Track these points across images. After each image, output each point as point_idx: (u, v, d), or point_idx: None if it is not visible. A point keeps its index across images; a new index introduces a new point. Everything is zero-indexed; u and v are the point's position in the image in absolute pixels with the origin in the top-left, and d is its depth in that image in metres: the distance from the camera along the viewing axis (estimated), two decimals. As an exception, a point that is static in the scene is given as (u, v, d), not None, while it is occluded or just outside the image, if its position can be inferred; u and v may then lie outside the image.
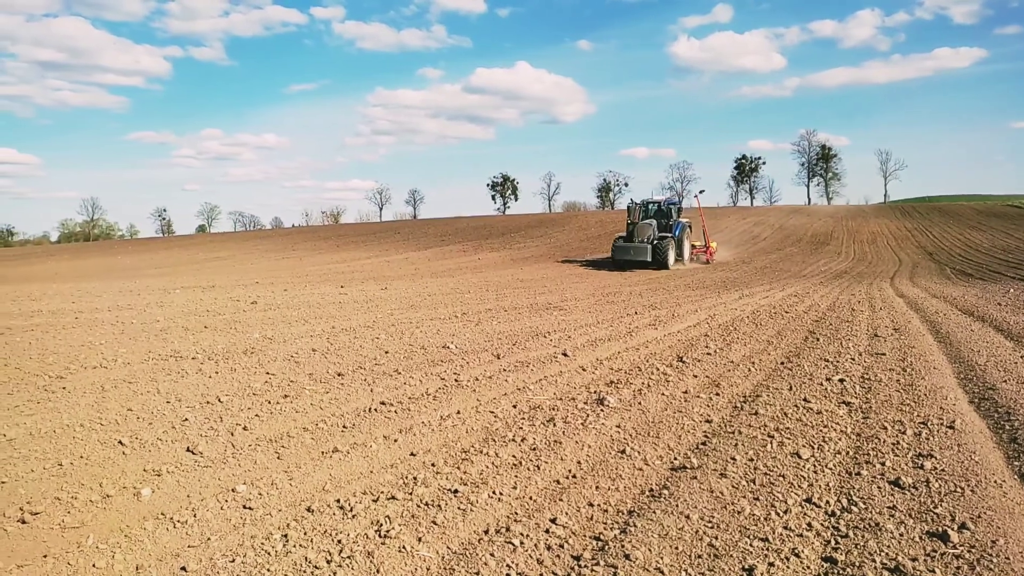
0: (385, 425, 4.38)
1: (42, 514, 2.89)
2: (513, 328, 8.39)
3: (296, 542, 2.66)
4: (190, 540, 2.72)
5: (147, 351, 6.98)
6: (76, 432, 4.11)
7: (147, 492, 3.15)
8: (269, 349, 7.08)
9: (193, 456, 3.71)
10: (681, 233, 27.58)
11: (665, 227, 27.26)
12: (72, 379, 5.63)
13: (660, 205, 28.56)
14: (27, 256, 51.93)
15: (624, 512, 3.05)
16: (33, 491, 3.15)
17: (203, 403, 4.83)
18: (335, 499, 3.13)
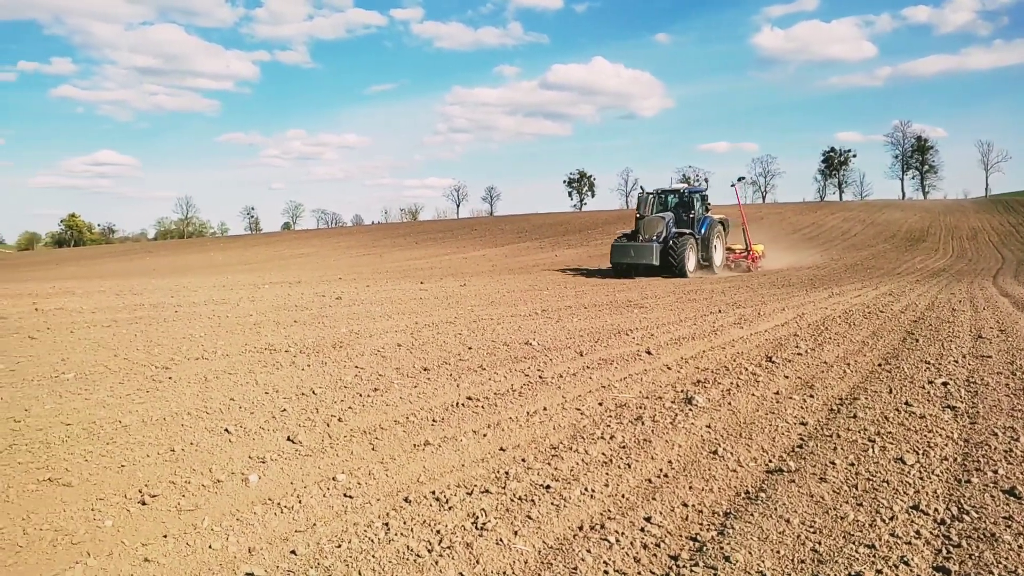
0: (473, 420, 4.44)
1: (160, 496, 3.06)
2: (594, 325, 8.36)
3: (397, 531, 2.73)
4: (296, 525, 2.83)
5: (243, 344, 7.29)
6: (184, 420, 4.33)
7: (254, 478, 3.30)
8: (356, 343, 7.28)
9: (293, 445, 3.86)
10: (709, 231, 21.75)
11: (686, 222, 21.72)
12: (177, 369, 5.93)
13: (681, 194, 22.47)
14: (127, 252, 55.08)
15: (720, 514, 2.99)
16: (150, 475, 3.34)
17: (298, 394, 5.01)
18: (430, 491, 3.20)
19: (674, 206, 22.57)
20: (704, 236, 21.90)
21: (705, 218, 22.40)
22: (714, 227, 22.34)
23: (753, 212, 53.51)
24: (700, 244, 21.64)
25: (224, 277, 22.82)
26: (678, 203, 22.63)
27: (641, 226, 21.43)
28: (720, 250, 22.64)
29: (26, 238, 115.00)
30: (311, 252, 42.09)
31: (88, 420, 4.26)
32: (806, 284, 15.81)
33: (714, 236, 22.15)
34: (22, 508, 2.91)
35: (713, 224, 22.40)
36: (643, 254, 20.31)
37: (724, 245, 22.81)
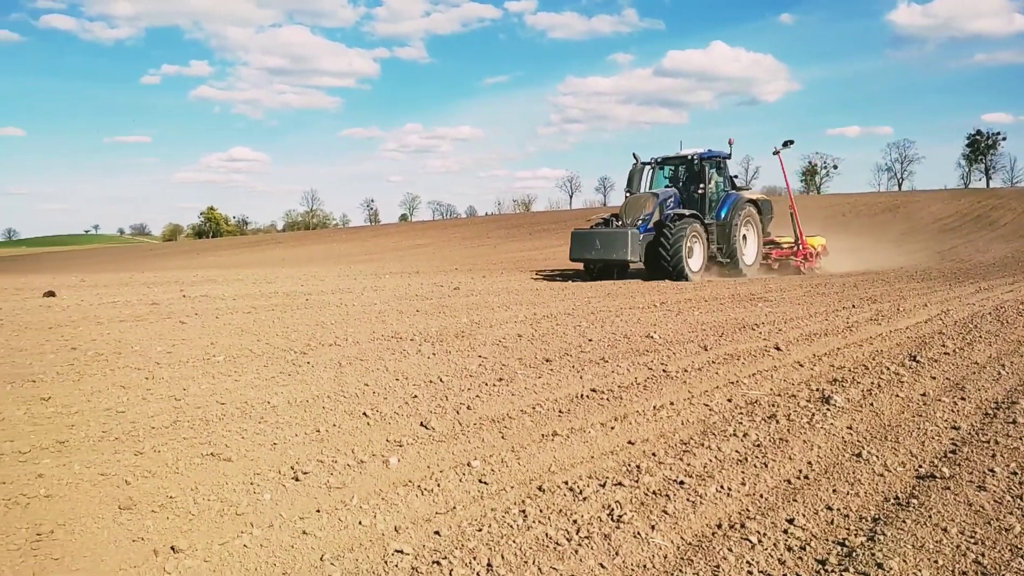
0: (599, 412, 4.44)
1: (311, 474, 3.25)
2: (717, 319, 8.14)
3: (535, 519, 2.78)
4: (437, 508, 2.94)
5: (371, 332, 7.60)
6: (325, 403, 4.58)
7: (394, 461, 3.44)
8: (478, 333, 7.43)
9: (427, 431, 3.99)
10: (733, 215, 15.92)
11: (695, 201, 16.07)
12: (313, 355, 6.27)
13: (689, 163, 16.51)
14: (259, 243, 58.65)
15: (868, 519, 2.85)
16: (300, 453, 3.55)
17: (427, 382, 5.18)
18: (563, 481, 3.23)
19: (685, 179, 16.79)
20: (725, 221, 16.01)
21: (728, 196, 16.47)
22: (740, 209, 16.16)
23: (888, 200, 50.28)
24: (716, 233, 15.92)
25: (347, 267, 23.89)
26: (686, 176, 16.75)
27: (625, 207, 15.83)
28: (754, 242, 16.77)
29: (170, 230, 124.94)
30: (427, 243, 43.28)
31: (240, 400, 4.59)
32: (949, 278, 14.70)
33: (741, 222, 16.13)
34: (191, 480, 3.17)
35: (739, 205, 16.22)
36: (612, 246, 14.59)
37: (760, 236, 16.96)
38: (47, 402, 4.50)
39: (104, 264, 38.72)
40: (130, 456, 3.43)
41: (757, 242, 17.06)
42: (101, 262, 42.70)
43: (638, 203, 15.81)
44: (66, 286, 13.48)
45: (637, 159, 17.11)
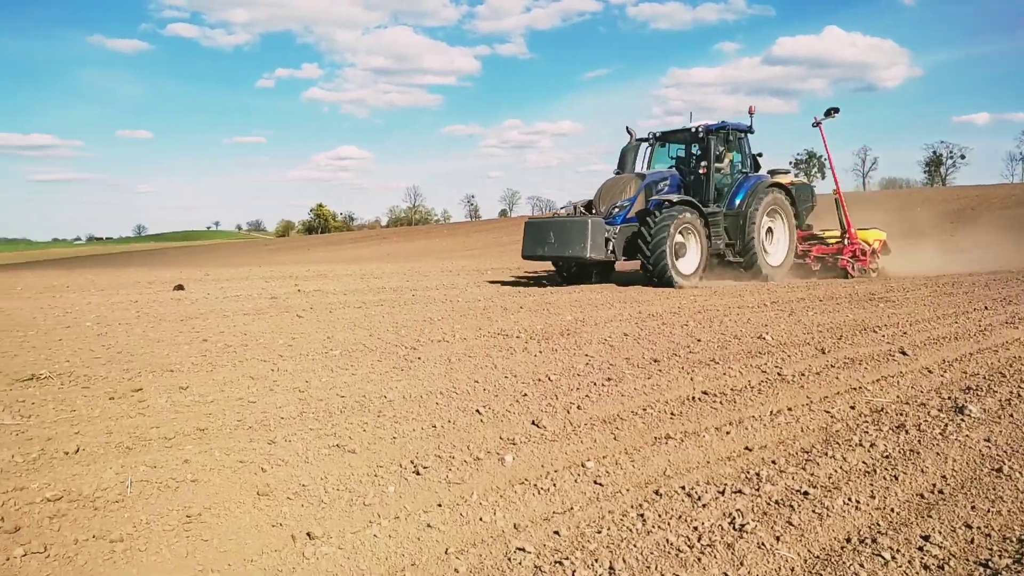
0: (712, 416, 4.35)
1: (430, 468, 3.36)
2: (833, 320, 7.79)
3: (654, 523, 2.76)
4: (554, 507, 2.97)
5: (477, 328, 7.74)
6: (438, 399, 4.71)
7: (509, 459, 3.51)
8: (583, 331, 7.42)
9: (538, 429, 4.04)
10: (751, 202, 13.10)
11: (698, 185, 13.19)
12: (423, 350, 6.45)
13: (695, 136, 13.43)
14: (365, 239, 60.75)
15: (1013, 540, 2.67)
16: (418, 448, 3.67)
17: (535, 380, 5.23)
18: (679, 486, 3.19)
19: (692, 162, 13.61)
20: (740, 211, 13.06)
21: (745, 179, 13.48)
22: (761, 195, 13.14)
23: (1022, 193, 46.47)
24: (728, 225, 13.10)
25: (449, 262, 24.39)
26: (698, 155, 13.59)
27: (598, 192, 13.06)
28: (783, 237, 13.83)
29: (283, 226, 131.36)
30: (525, 239, 43.49)
31: (358, 394, 4.78)
32: (1093, 278, 13.47)
33: (762, 211, 13.12)
34: (320, 469, 3.34)
35: (759, 191, 13.22)
36: (567, 239, 11.97)
37: (792, 229, 13.87)
38: (185, 391, 4.85)
39: (225, 259, 41.20)
40: (264, 445, 3.65)
41: (788, 237, 13.92)
42: (222, 256, 45.45)
43: (616, 186, 12.87)
44: (192, 280, 14.45)
45: (631, 134, 13.92)
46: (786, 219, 14.01)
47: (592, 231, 11.97)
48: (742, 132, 14.09)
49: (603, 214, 12.71)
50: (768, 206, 13.54)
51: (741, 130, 14.06)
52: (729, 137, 13.75)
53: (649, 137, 14.42)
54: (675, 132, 14.24)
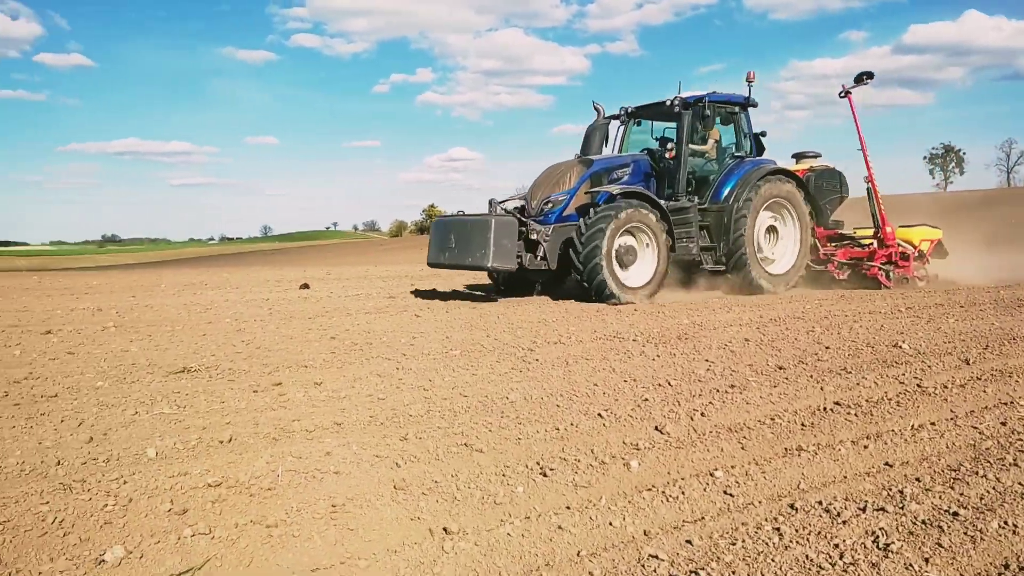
0: (846, 428, 4.17)
1: (556, 471, 3.41)
2: (977, 327, 7.26)
3: (791, 538, 2.69)
4: (684, 516, 2.94)
5: (592, 330, 7.74)
6: (558, 401, 4.75)
7: (635, 464, 3.50)
8: (701, 336, 7.27)
9: (662, 435, 4.00)
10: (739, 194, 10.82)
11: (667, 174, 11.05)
12: (540, 352, 6.52)
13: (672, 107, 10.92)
14: (473, 240, 61.74)
15: None
16: (543, 450, 3.73)
17: (655, 385, 5.17)
18: (816, 500, 3.08)
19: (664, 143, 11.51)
20: (724, 206, 10.88)
21: (737, 166, 11.20)
22: (753, 187, 10.82)
23: None
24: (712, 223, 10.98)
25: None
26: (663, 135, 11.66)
27: (533, 183, 10.97)
28: (792, 238, 11.51)
29: (396, 226, 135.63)
30: (634, 239, 42.97)
31: (480, 394, 4.90)
32: None
33: (757, 206, 10.85)
34: (450, 467, 3.46)
35: (751, 180, 10.88)
36: (467, 244, 9.98)
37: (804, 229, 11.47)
38: (319, 386, 5.12)
39: (343, 258, 43.08)
40: (396, 441, 3.81)
41: (798, 238, 11.44)
42: (341, 255, 47.56)
43: (552, 176, 10.71)
44: (316, 279, 15.21)
45: (599, 110, 11.41)
46: (796, 215, 11.44)
47: (496, 233, 9.55)
48: (735, 105, 11.53)
49: (534, 211, 10.52)
50: (767, 199, 11.06)
51: (734, 103, 11.51)
52: (714, 112, 11.05)
53: (620, 113, 12.06)
54: (649, 107, 11.79)
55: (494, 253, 9.71)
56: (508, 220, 10.01)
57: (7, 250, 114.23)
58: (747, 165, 11.35)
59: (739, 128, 11.78)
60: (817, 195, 11.97)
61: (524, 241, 10.17)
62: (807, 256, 11.78)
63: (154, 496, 2.99)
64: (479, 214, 10.41)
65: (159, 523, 2.75)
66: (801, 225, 11.63)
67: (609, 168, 10.94)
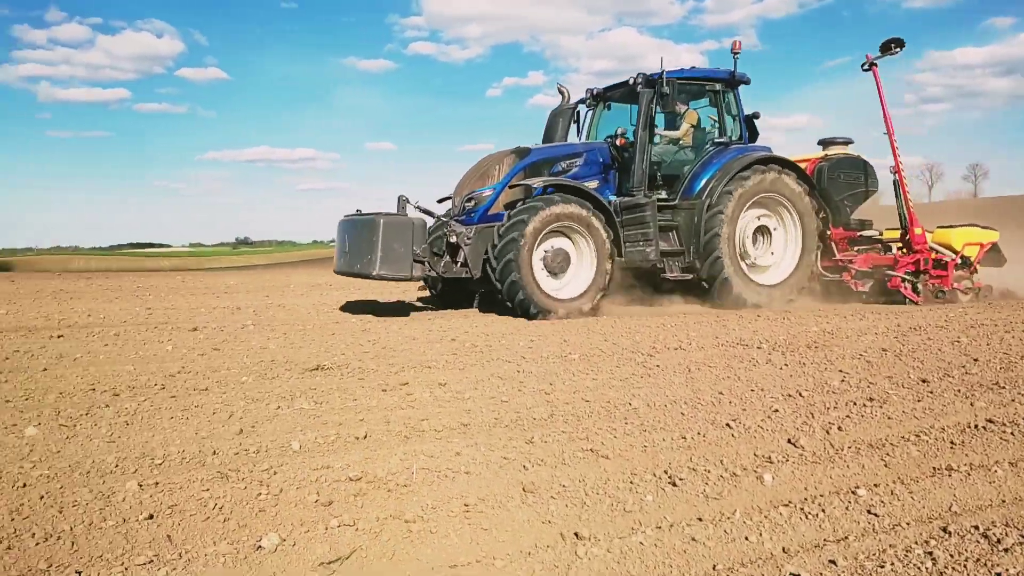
0: (1002, 448, 3.86)
1: (686, 481, 3.35)
2: None
3: (946, 563, 2.52)
4: (825, 534, 2.82)
5: (714, 336, 7.54)
6: (682, 408, 4.66)
7: (768, 478, 3.38)
8: (833, 344, 6.94)
9: (795, 448, 3.85)
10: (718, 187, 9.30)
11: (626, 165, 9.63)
12: (660, 358, 6.42)
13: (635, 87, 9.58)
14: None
15: None
16: (670, 458, 3.68)
17: (785, 395, 4.98)
18: (971, 524, 2.87)
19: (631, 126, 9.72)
20: (695, 202, 9.49)
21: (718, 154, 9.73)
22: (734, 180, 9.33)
23: None
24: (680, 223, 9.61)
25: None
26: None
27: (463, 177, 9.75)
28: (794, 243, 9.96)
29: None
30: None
31: (602, 399, 4.88)
32: None
33: (738, 201, 9.32)
34: (577, 472, 3.47)
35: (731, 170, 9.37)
36: (357, 248, 8.78)
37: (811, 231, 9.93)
38: (444, 387, 5.27)
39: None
40: (522, 444, 3.86)
41: (799, 242, 9.90)
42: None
43: (481, 168, 9.53)
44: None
45: (564, 93, 10.31)
46: (796, 214, 9.80)
47: (384, 236, 8.34)
48: (716, 82, 9.94)
49: (456, 209, 9.43)
50: (754, 194, 9.48)
51: (714, 79, 9.93)
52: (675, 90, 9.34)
53: (587, 96, 10.71)
54: (616, 88, 10.38)
55: (381, 259, 8.37)
56: (401, 221, 8.59)
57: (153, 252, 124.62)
58: (730, 153, 9.74)
59: (723, 110, 10.14)
60: (831, 189, 10.36)
61: (447, 245, 9.05)
62: (812, 264, 10.07)
63: (301, 487, 3.18)
64: (372, 213, 8.82)
65: (307, 513, 2.92)
66: (803, 226, 9.95)
67: (552, 158, 9.54)
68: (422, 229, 8.81)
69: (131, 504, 2.96)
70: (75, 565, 2.45)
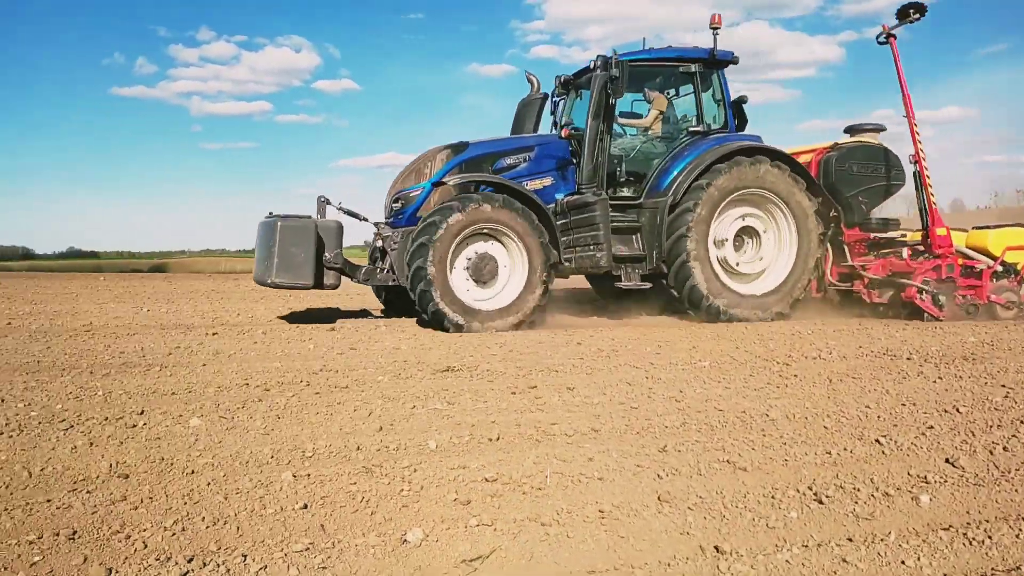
0: None
1: (833, 499, 3.19)
2: None
3: None
4: (993, 563, 2.60)
5: (856, 345, 7.15)
6: (825, 422, 4.44)
7: (925, 499, 3.16)
8: (994, 357, 6.40)
9: (955, 469, 3.57)
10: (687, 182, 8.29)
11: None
12: (797, 367, 6.14)
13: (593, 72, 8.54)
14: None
15: None
16: (814, 474, 3.51)
17: (941, 411, 4.63)
18: None
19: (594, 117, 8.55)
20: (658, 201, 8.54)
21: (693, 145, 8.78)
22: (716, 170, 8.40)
23: None
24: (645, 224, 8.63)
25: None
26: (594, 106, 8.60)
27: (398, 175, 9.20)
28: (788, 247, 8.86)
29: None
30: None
31: (737, 409, 4.73)
32: None
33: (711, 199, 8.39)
34: (714, 483, 3.38)
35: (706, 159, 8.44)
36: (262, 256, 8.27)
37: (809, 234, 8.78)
38: (572, 391, 5.28)
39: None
40: (655, 452, 3.81)
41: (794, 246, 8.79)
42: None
43: (413, 166, 8.92)
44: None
45: (533, 83, 9.49)
46: (790, 214, 8.71)
47: (282, 241, 7.84)
48: (690, 63, 8.86)
49: (387, 210, 8.95)
50: (734, 190, 8.48)
51: (688, 59, 8.88)
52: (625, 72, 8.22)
53: (556, 85, 9.74)
54: (582, 73, 9.35)
55: (278, 265, 7.87)
56: (301, 224, 8.04)
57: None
58: (707, 143, 8.71)
59: (701, 95, 9.02)
60: (841, 183, 9.09)
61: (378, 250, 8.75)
62: (810, 272, 8.94)
63: (440, 486, 3.29)
64: (279, 216, 8.23)
65: (447, 511, 3.02)
66: (799, 227, 8.78)
67: (495, 153, 8.72)
68: (334, 233, 8.30)
69: (287, 494, 3.17)
70: (241, 548, 2.65)
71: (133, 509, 2.99)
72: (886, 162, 9.36)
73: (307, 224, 8.06)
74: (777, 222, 8.94)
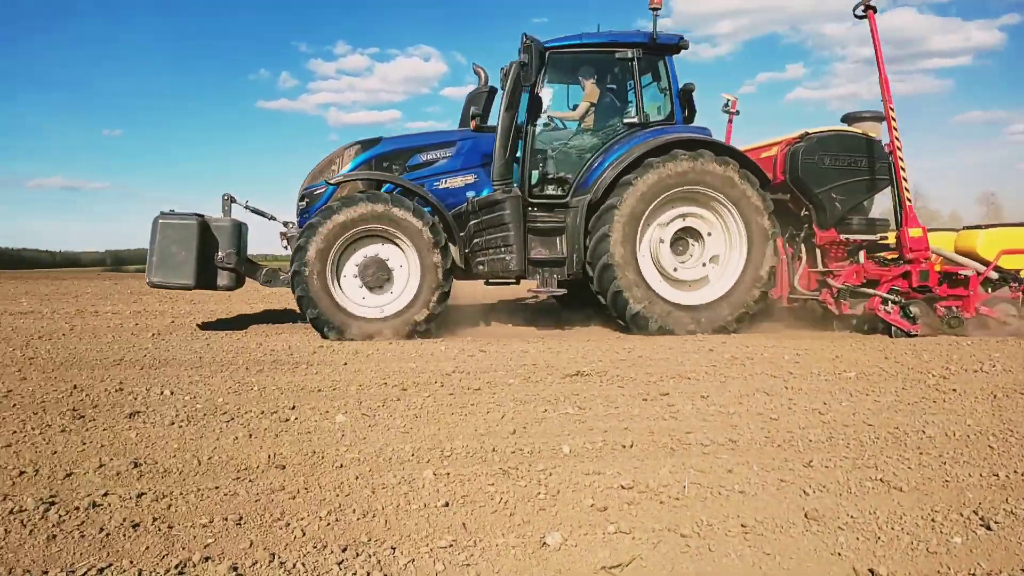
0: None
1: (1002, 525, 2.91)
2: None
3: None
4: None
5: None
6: (990, 441, 4.11)
7: None
8: None
9: None
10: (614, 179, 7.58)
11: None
12: (956, 380, 5.78)
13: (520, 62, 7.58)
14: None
15: None
16: (979, 497, 3.23)
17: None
18: None
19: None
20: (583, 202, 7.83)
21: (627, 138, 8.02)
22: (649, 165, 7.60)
23: None
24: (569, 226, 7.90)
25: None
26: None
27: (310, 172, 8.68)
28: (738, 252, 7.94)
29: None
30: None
31: (889, 424, 4.44)
32: None
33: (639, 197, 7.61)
34: (866, 503, 3.19)
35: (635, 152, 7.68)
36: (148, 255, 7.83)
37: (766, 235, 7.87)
38: (706, 400, 5.15)
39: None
40: (800, 466, 3.65)
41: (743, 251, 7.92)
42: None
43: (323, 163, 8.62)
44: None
45: (480, 75, 8.93)
46: (737, 214, 7.86)
47: (161, 239, 7.71)
48: (626, 48, 8.08)
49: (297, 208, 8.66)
50: (671, 187, 7.72)
51: (620, 44, 8.13)
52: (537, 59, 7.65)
53: (501, 77, 8.95)
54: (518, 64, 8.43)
55: (156, 264, 7.76)
56: (184, 224, 7.85)
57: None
58: (641, 136, 8.00)
59: (639, 83, 8.22)
60: (810, 179, 8.10)
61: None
62: (764, 281, 7.97)
63: (576, 491, 3.30)
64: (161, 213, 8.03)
65: (584, 516, 3.02)
66: (749, 229, 7.90)
67: (409, 149, 8.51)
68: (229, 232, 8.13)
69: (429, 491, 3.29)
70: (389, 541, 2.78)
71: (291, 498, 3.20)
72: (869, 154, 8.29)
73: (188, 222, 7.89)
74: (725, 223, 8.12)
